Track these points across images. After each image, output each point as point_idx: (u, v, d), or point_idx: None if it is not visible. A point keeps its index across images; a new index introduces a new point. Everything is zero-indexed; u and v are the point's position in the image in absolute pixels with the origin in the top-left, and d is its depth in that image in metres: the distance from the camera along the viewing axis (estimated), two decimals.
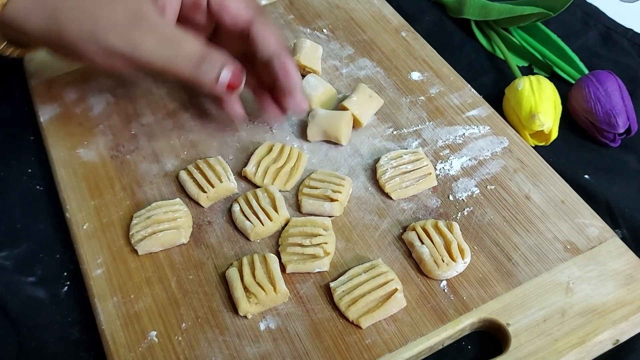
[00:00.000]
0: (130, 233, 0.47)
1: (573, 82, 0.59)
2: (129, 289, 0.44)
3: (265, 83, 0.50)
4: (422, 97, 0.56)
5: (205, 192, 0.48)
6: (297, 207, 0.49)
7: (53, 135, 0.55)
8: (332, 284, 0.43)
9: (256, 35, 0.47)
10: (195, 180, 0.49)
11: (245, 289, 0.43)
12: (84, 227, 0.48)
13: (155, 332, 0.42)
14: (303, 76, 0.56)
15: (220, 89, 0.45)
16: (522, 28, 0.63)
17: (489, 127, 0.53)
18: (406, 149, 0.52)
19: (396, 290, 0.42)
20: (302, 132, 0.54)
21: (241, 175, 0.51)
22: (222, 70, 0.44)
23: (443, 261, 0.43)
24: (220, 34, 0.50)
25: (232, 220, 0.48)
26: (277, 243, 0.46)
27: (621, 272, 0.44)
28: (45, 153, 0.54)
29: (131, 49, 0.42)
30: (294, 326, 0.42)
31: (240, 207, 0.47)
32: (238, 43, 0.49)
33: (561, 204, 0.48)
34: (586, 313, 0.42)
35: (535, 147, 0.53)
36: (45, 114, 0.56)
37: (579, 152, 0.54)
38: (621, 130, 0.52)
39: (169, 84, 0.58)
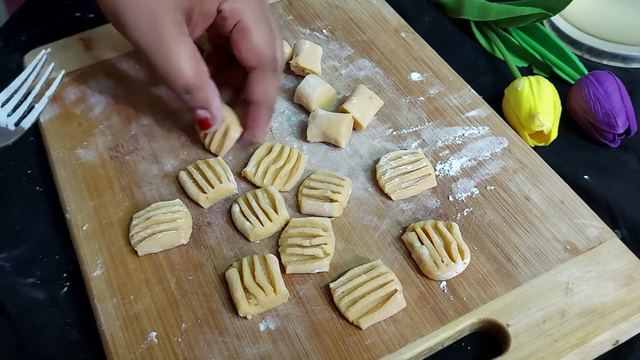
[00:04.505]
0: (130, 234, 0.46)
1: (572, 82, 0.59)
2: (128, 290, 0.44)
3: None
4: (422, 98, 0.56)
5: (205, 192, 0.48)
6: (297, 208, 0.49)
7: (53, 135, 0.55)
8: (331, 285, 0.43)
9: (249, 82, 0.49)
10: (195, 180, 0.49)
11: (245, 289, 0.43)
12: (84, 228, 0.48)
13: (154, 333, 0.42)
14: (302, 77, 0.56)
15: (195, 118, 0.49)
16: (521, 28, 0.63)
17: (488, 128, 0.53)
18: (406, 149, 0.52)
19: (396, 291, 0.42)
20: (302, 132, 0.54)
21: (241, 176, 0.51)
22: (199, 110, 0.48)
23: (443, 262, 0.43)
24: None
25: (231, 221, 0.48)
26: (277, 244, 0.46)
27: (621, 272, 0.44)
28: (45, 154, 0.54)
29: (139, 45, 0.45)
30: (293, 327, 0.42)
31: (240, 207, 0.47)
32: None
33: (561, 204, 0.48)
34: (586, 314, 0.42)
35: (535, 148, 0.53)
36: (45, 115, 0.56)
37: (578, 152, 0.54)
38: (620, 131, 0.52)
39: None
